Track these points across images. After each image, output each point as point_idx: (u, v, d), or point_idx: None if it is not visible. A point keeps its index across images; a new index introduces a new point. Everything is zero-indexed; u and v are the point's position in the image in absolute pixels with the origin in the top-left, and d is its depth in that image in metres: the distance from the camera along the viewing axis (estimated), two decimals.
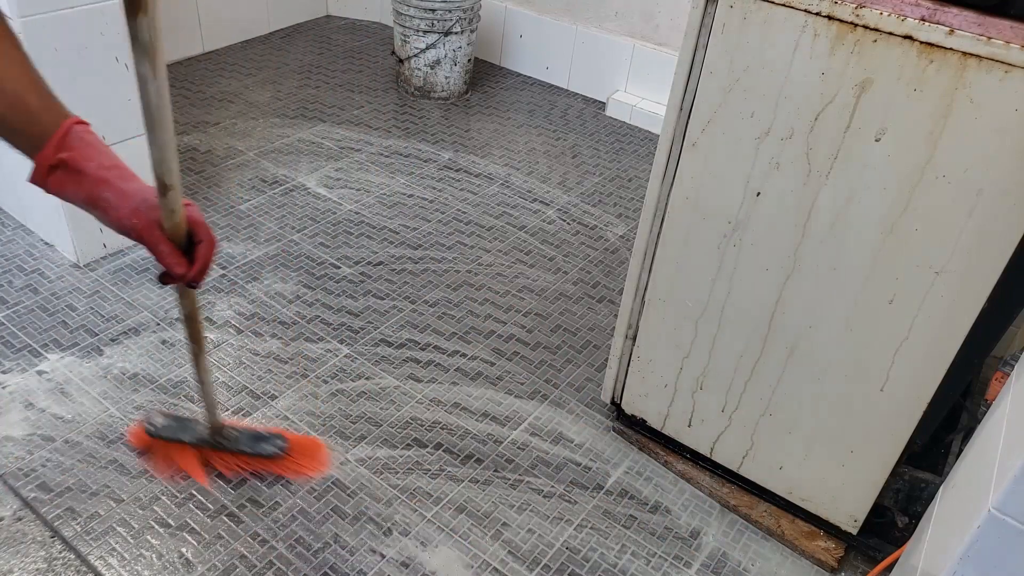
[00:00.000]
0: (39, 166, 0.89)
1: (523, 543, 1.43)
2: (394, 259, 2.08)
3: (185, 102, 2.69)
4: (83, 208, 0.91)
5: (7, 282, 1.87)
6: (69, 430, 1.54)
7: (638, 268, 1.44)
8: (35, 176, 0.90)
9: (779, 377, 1.34)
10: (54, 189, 0.89)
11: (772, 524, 1.48)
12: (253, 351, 1.76)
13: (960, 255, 1.09)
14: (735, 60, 1.15)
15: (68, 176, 0.91)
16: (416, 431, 1.62)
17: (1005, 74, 0.97)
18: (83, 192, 0.90)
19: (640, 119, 2.84)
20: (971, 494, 0.94)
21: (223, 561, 1.35)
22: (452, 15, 2.69)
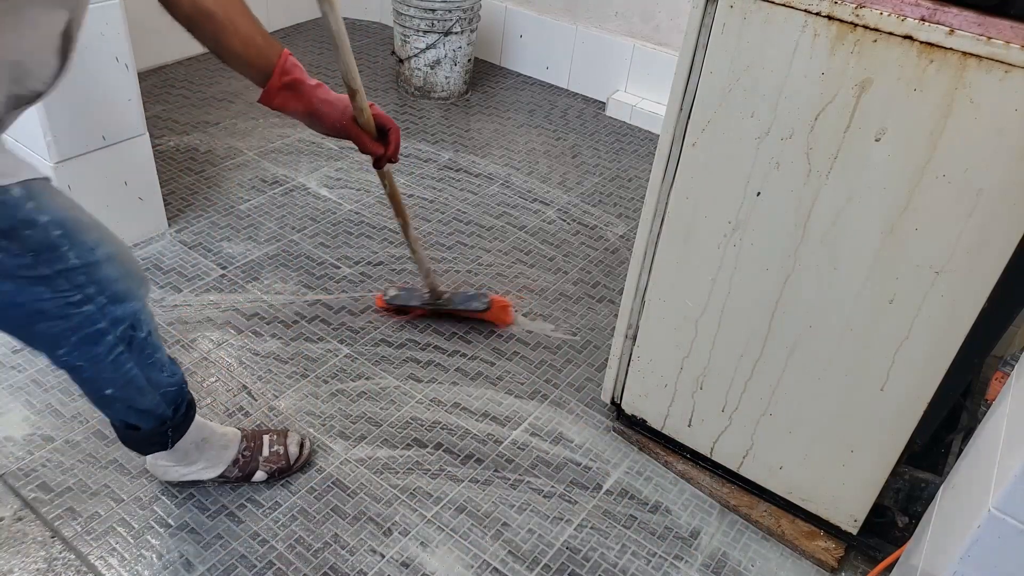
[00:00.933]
0: (271, 89, 1.18)
1: (523, 543, 1.43)
2: (394, 259, 2.08)
3: (185, 102, 2.69)
4: (299, 119, 1.23)
5: None
6: (69, 430, 1.54)
7: (638, 268, 1.44)
8: (264, 97, 1.19)
9: (779, 377, 1.34)
10: (278, 105, 1.20)
11: (772, 524, 1.48)
12: (253, 351, 1.76)
13: (960, 255, 1.09)
14: (735, 60, 1.15)
15: (291, 94, 1.20)
16: (416, 431, 1.62)
17: (1005, 74, 0.97)
18: (302, 105, 1.21)
19: (640, 119, 2.85)
20: (971, 494, 0.94)
21: (223, 561, 1.35)
22: (452, 15, 2.69)
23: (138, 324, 1.12)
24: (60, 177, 1.80)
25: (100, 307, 1.04)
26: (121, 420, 1.24)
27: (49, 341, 1.04)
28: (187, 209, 2.18)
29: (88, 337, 1.05)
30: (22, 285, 0.96)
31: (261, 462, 1.46)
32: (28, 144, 1.81)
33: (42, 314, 1.00)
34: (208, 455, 1.41)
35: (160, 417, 1.26)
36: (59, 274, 0.98)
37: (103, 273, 1.04)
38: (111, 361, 1.10)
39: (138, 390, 1.18)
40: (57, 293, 0.99)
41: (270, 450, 1.47)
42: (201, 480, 1.43)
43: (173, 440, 1.32)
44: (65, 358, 1.07)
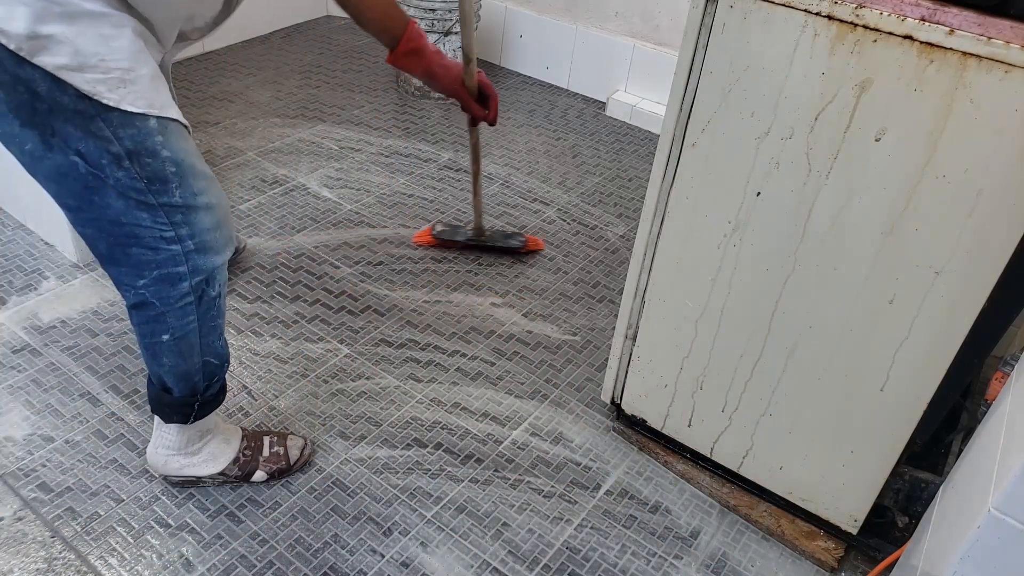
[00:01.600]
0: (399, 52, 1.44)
1: (523, 543, 1.43)
2: (394, 259, 2.08)
3: (185, 102, 2.69)
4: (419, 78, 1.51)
5: (7, 282, 1.87)
6: (69, 430, 1.54)
7: (638, 268, 1.44)
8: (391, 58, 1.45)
9: (779, 377, 1.34)
10: (402, 65, 1.47)
11: (772, 524, 1.48)
12: (253, 351, 1.76)
13: (960, 255, 1.09)
14: (735, 60, 1.15)
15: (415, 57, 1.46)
16: (416, 431, 1.62)
17: (1005, 74, 0.97)
18: (423, 67, 1.48)
19: (640, 119, 2.85)
20: (971, 494, 0.94)
21: (223, 561, 1.35)
22: (452, 15, 2.69)
23: (212, 281, 1.20)
24: None
25: (186, 251, 1.13)
26: (159, 379, 1.28)
27: (135, 268, 1.13)
28: None
29: (167, 276, 1.14)
30: (130, 206, 1.07)
31: (261, 462, 1.46)
32: None
33: (137, 239, 1.09)
34: (210, 448, 1.42)
35: (194, 387, 1.30)
36: (162, 207, 1.08)
37: (199, 219, 1.13)
38: (179, 307, 1.18)
39: (189, 347, 1.24)
40: (155, 223, 1.09)
41: (270, 451, 1.48)
42: (200, 476, 1.43)
43: (197, 416, 1.34)
44: (142, 291, 1.15)
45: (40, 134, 1.00)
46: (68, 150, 1.01)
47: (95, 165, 1.03)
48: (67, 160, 1.02)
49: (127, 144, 1.03)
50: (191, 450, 1.40)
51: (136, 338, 1.24)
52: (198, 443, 1.41)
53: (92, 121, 1.00)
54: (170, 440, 1.38)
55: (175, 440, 1.38)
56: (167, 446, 1.39)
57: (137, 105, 1.02)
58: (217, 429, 1.43)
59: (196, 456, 1.41)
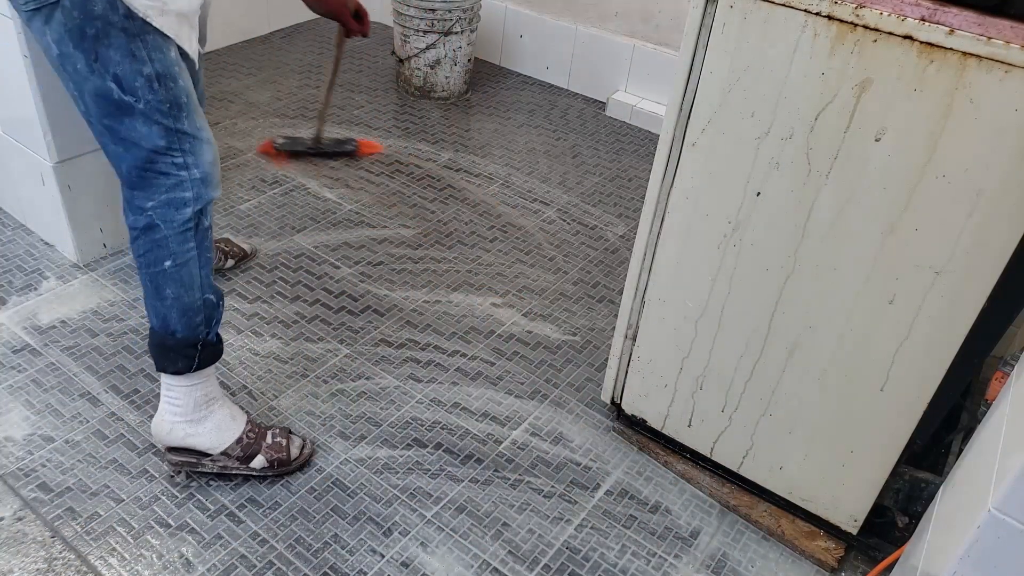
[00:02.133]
0: None
1: (523, 543, 1.43)
2: (394, 259, 2.08)
3: None
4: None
5: (7, 282, 1.87)
6: (69, 430, 1.54)
7: (638, 268, 1.44)
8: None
9: (779, 377, 1.34)
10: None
11: (772, 524, 1.48)
12: (253, 351, 1.76)
13: (960, 255, 1.09)
14: (735, 60, 1.15)
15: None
16: (416, 431, 1.62)
17: (1005, 74, 0.97)
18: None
19: (640, 119, 2.85)
20: (971, 494, 0.94)
21: (223, 561, 1.35)
22: (452, 15, 2.69)
23: (206, 214, 1.32)
24: (60, 177, 1.80)
25: (192, 179, 1.27)
26: (163, 319, 1.35)
27: (148, 190, 1.26)
28: None
29: (174, 200, 1.27)
30: (152, 131, 1.22)
31: (264, 447, 1.47)
32: (28, 144, 1.81)
33: (153, 163, 1.24)
34: (216, 419, 1.43)
35: (196, 328, 1.36)
36: (176, 132, 1.24)
37: (203, 151, 1.28)
38: (181, 232, 1.29)
39: (190, 277, 1.33)
40: (170, 147, 1.24)
41: (273, 440, 1.49)
42: (203, 451, 1.44)
43: (200, 363, 1.38)
44: (151, 212, 1.28)
45: (86, 57, 1.15)
46: (107, 75, 1.17)
47: (129, 89, 1.18)
48: (105, 84, 1.17)
49: (157, 67, 1.19)
50: (197, 417, 1.41)
51: (140, 275, 1.34)
52: (204, 410, 1.42)
53: (133, 40, 1.15)
54: (177, 402, 1.40)
55: (182, 402, 1.40)
56: (173, 411, 1.40)
57: (170, 31, 1.19)
58: (224, 401, 1.46)
59: (201, 426, 1.42)
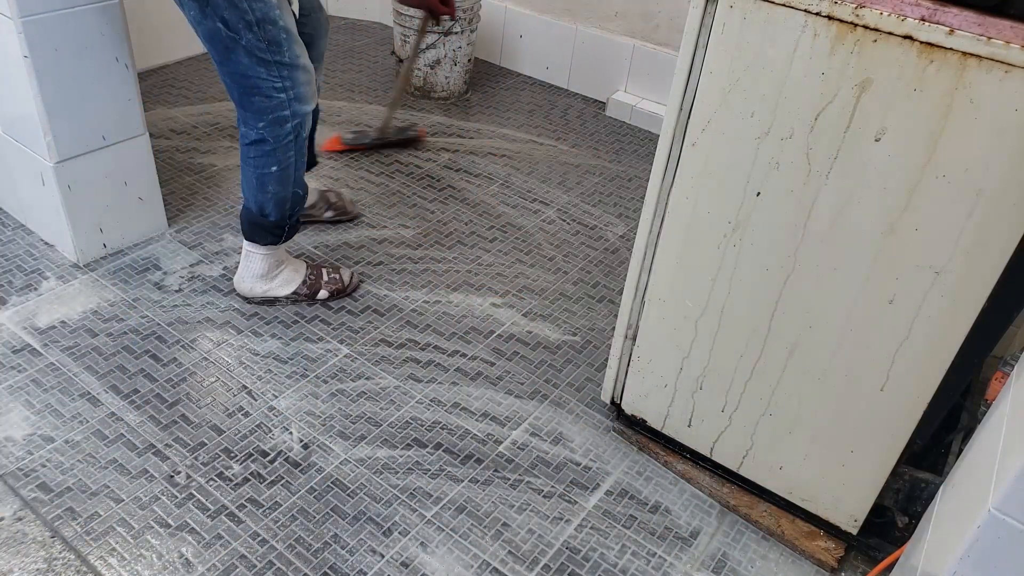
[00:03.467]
0: None
1: (523, 543, 1.43)
2: (394, 259, 2.08)
3: (185, 102, 2.69)
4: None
5: (7, 282, 1.87)
6: (69, 430, 1.54)
7: (638, 268, 1.44)
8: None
9: (779, 377, 1.34)
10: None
11: (772, 524, 1.48)
12: (253, 351, 1.76)
13: (960, 255, 1.09)
14: (735, 60, 1.15)
15: None
16: (416, 431, 1.62)
17: (1005, 74, 0.97)
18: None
19: (640, 119, 2.85)
20: (971, 494, 0.94)
21: (223, 561, 1.35)
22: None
23: (303, 126, 1.63)
24: (60, 177, 1.80)
25: (289, 99, 1.57)
26: (260, 207, 1.71)
27: (257, 112, 1.57)
28: (187, 209, 2.18)
29: (278, 119, 1.58)
30: (254, 63, 1.51)
31: (323, 283, 1.87)
32: (28, 144, 1.81)
33: (258, 89, 1.54)
34: (284, 275, 1.85)
35: (284, 212, 1.73)
36: (275, 63, 1.52)
37: (298, 76, 1.56)
38: (284, 144, 1.62)
39: (288, 178, 1.67)
40: (270, 76, 1.53)
41: (328, 276, 1.89)
42: (277, 296, 1.85)
43: (285, 237, 1.78)
44: (262, 130, 1.59)
45: (200, 6, 1.45)
46: (216, 18, 1.45)
47: (233, 30, 1.46)
48: (214, 26, 1.46)
49: (257, 14, 1.46)
50: (271, 276, 1.83)
51: (247, 172, 1.66)
52: (276, 271, 1.83)
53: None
54: (256, 268, 1.81)
55: (260, 267, 1.81)
56: (253, 274, 1.82)
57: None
58: (289, 260, 1.86)
59: (273, 281, 1.84)
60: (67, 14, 1.68)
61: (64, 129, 1.77)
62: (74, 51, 1.72)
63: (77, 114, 1.78)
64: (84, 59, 1.74)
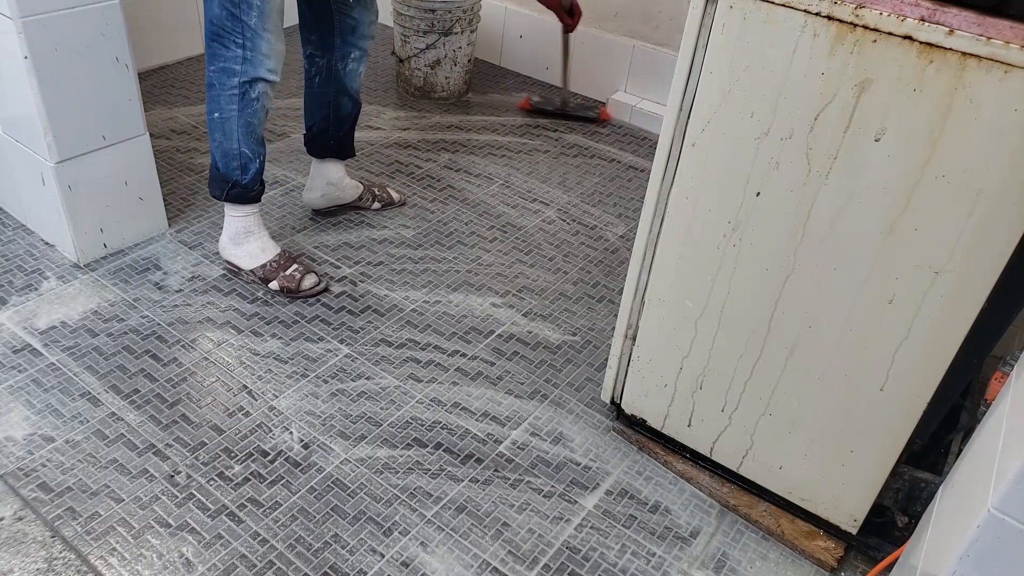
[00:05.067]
0: None
1: (523, 543, 1.43)
2: (394, 259, 2.08)
3: (186, 102, 2.69)
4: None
5: (7, 282, 1.88)
6: (69, 430, 1.54)
7: (638, 268, 1.44)
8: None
9: (779, 377, 1.35)
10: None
11: (772, 524, 1.48)
12: (253, 351, 1.76)
13: (960, 255, 1.09)
14: (735, 60, 1.15)
15: None
16: (416, 431, 1.62)
17: (1005, 74, 0.97)
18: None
19: (640, 119, 2.85)
20: (971, 494, 0.94)
21: (223, 561, 1.35)
22: (452, 15, 2.69)
23: (253, 87, 1.73)
24: (60, 177, 1.80)
25: (245, 57, 1.69)
26: (212, 156, 1.82)
27: (212, 56, 1.70)
28: (187, 209, 2.18)
29: (227, 70, 1.70)
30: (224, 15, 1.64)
31: (280, 276, 1.90)
32: (28, 144, 1.81)
33: (219, 37, 1.67)
34: (250, 248, 1.91)
35: (231, 170, 1.82)
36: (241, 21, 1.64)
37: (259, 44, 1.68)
38: (228, 94, 1.73)
39: (229, 130, 1.77)
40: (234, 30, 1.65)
41: (291, 271, 1.91)
42: (239, 267, 1.93)
43: (228, 197, 1.85)
44: (212, 75, 1.72)
45: None
46: None
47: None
48: None
49: None
50: (237, 242, 1.91)
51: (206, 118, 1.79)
52: (242, 240, 1.90)
53: None
54: (227, 230, 1.91)
55: (228, 228, 1.91)
56: (226, 235, 1.92)
57: None
58: (259, 236, 1.92)
59: (239, 249, 1.91)
60: (67, 14, 1.68)
61: (64, 129, 1.77)
62: (74, 51, 1.72)
63: (77, 114, 1.78)
64: (84, 59, 1.74)
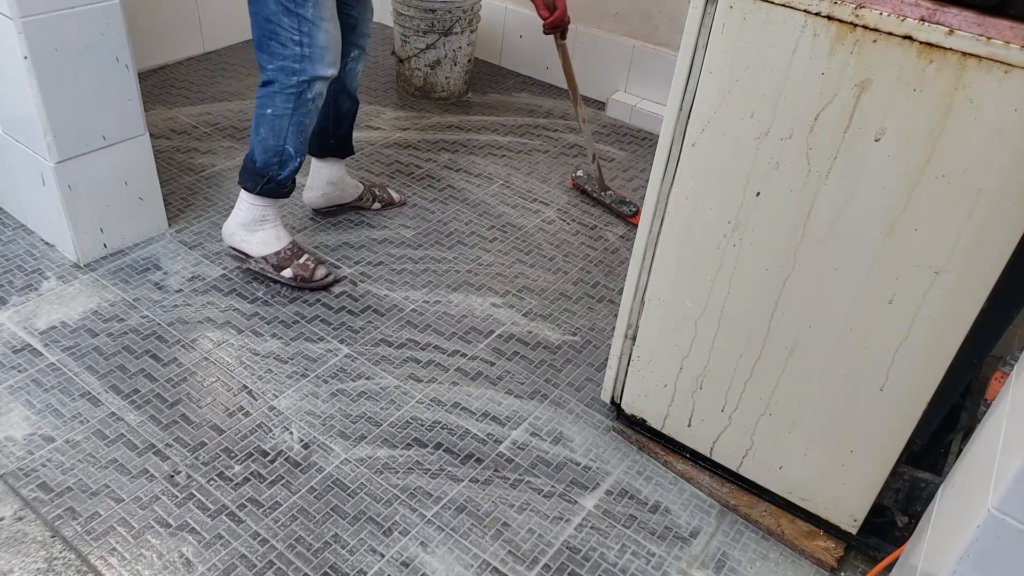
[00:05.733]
0: None
1: (523, 543, 1.43)
2: (394, 259, 2.08)
3: (186, 102, 2.69)
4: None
5: (7, 282, 1.88)
6: (69, 430, 1.54)
7: (638, 268, 1.44)
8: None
9: (779, 377, 1.35)
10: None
11: (772, 524, 1.48)
12: (253, 351, 1.76)
13: (960, 255, 1.09)
14: (735, 60, 1.15)
15: None
16: (416, 431, 1.62)
17: (1005, 74, 0.97)
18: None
19: (640, 119, 2.85)
20: (971, 494, 0.94)
21: (223, 561, 1.35)
22: (452, 15, 2.69)
23: (311, 86, 1.71)
24: (60, 177, 1.80)
25: (303, 54, 1.66)
26: (252, 149, 1.80)
27: (271, 55, 1.68)
28: (187, 209, 2.18)
29: (287, 68, 1.69)
30: (280, 11, 1.61)
31: (294, 264, 1.89)
32: (28, 144, 1.81)
33: (276, 35, 1.65)
34: (263, 235, 1.88)
35: (268, 162, 1.79)
36: (298, 16, 1.62)
37: (317, 36, 1.65)
38: (286, 93, 1.71)
39: (280, 128, 1.75)
40: (291, 26, 1.63)
41: (304, 261, 1.91)
42: (249, 254, 1.89)
43: (262, 191, 1.82)
44: (271, 71, 1.70)
45: None
46: None
47: None
48: None
49: None
50: (251, 229, 1.87)
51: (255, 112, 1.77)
52: (257, 227, 1.87)
53: None
54: (241, 215, 1.87)
55: (244, 215, 1.86)
56: (238, 221, 1.87)
57: None
58: (274, 226, 1.90)
59: (252, 236, 1.88)
60: (67, 14, 1.68)
61: (64, 129, 1.77)
62: (74, 51, 1.72)
63: (77, 114, 1.78)
64: (84, 59, 1.74)
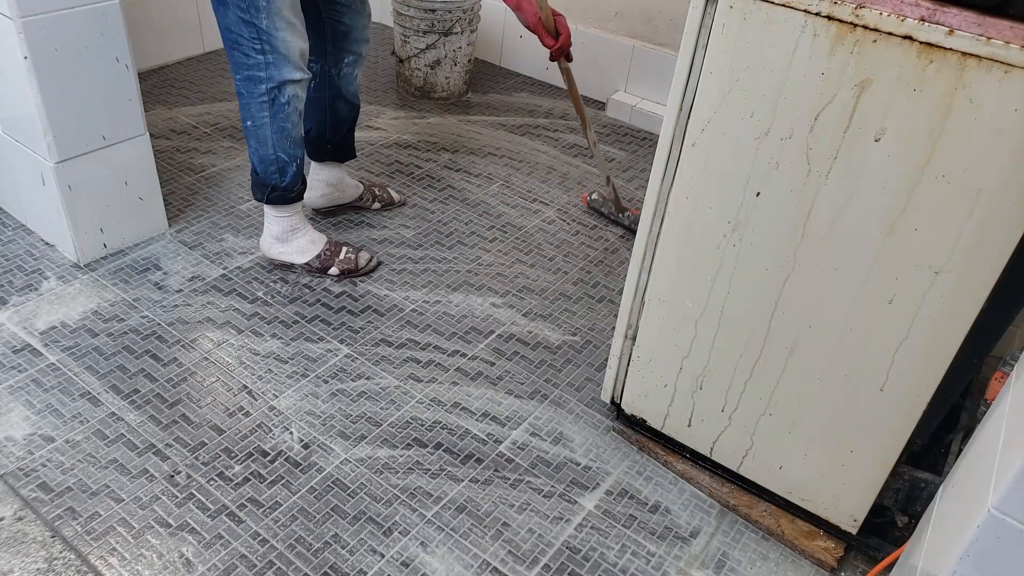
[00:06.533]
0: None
1: (523, 543, 1.43)
2: (394, 259, 2.08)
3: (186, 102, 2.69)
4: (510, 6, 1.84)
5: (7, 282, 1.88)
6: (69, 430, 1.54)
7: (638, 268, 1.44)
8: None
9: (779, 377, 1.35)
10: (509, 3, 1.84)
11: (772, 524, 1.48)
12: (253, 351, 1.76)
13: (960, 255, 1.09)
14: (735, 60, 1.15)
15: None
16: (416, 431, 1.62)
17: (1005, 74, 0.97)
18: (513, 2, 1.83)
19: (640, 119, 2.85)
20: (971, 494, 0.94)
21: (223, 561, 1.35)
22: (452, 15, 2.69)
23: (282, 91, 1.70)
24: (60, 177, 1.80)
25: (267, 63, 1.66)
26: (251, 162, 1.82)
27: (235, 65, 1.68)
28: (187, 209, 2.18)
29: (252, 78, 1.68)
30: (239, 21, 1.61)
31: (337, 261, 1.95)
32: (28, 144, 1.81)
33: (238, 45, 1.65)
34: (300, 243, 1.93)
35: (269, 174, 1.81)
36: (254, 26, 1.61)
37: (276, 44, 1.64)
38: (258, 102, 1.71)
39: (264, 137, 1.76)
40: (251, 36, 1.63)
41: (345, 255, 1.96)
42: (292, 263, 1.95)
43: (269, 199, 1.85)
44: (238, 83, 1.71)
45: None
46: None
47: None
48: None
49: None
50: (285, 240, 1.92)
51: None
52: (290, 237, 1.92)
53: None
54: (272, 230, 1.91)
55: (274, 228, 1.91)
56: (270, 235, 1.92)
57: None
58: (305, 231, 1.94)
59: (288, 246, 1.93)
60: (67, 14, 1.68)
61: (64, 129, 1.77)
62: (74, 51, 1.72)
63: (77, 114, 1.78)
64: (84, 59, 1.74)
